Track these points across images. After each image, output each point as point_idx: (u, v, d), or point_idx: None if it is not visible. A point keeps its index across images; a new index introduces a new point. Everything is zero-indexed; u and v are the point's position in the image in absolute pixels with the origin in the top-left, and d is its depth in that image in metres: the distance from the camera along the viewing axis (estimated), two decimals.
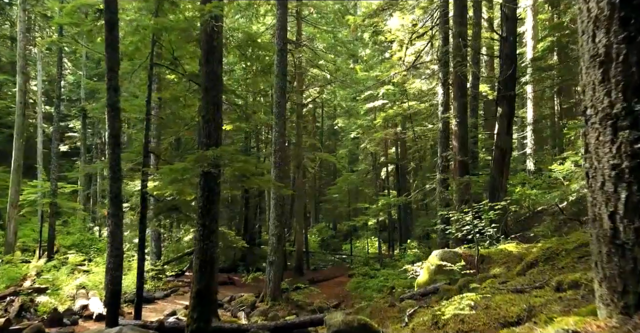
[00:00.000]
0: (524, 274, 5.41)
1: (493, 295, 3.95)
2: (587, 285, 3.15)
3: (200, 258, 6.54)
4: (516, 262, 7.44)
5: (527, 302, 3.32)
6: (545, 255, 5.41)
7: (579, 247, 5.10)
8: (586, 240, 5.23)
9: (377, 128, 24.30)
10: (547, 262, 5.28)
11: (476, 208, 8.41)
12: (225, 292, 16.24)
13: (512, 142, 12.76)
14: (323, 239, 31.06)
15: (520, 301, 3.40)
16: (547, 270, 4.91)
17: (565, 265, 4.76)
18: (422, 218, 20.06)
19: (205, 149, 6.62)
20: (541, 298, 3.33)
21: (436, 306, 4.66)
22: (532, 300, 3.34)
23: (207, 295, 6.51)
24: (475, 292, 4.88)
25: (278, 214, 14.09)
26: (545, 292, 3.63)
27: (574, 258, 4.90)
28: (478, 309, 3.72)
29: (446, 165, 13.22)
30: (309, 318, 8.14)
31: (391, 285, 14.91)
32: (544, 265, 5.25)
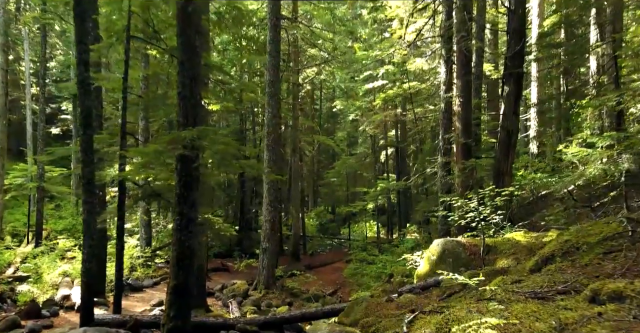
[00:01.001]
0: (539, 271, 4.77)
1: (509, 303, 3.31)
2: (635, 299, 2.52)
3: (177, 250, 5.91)
4: (525, 253, 6.82)
5: (555, 315, 2.69)
6: (562, 249, 4.76)
7: (603, 241, 4.45)
8: (611, 232, 4.58)
9: (377, 110, 23.52)
10: (565, 257, 4.63)
11: (481, 194, 7.75)
12: (218, 279, 15.74)
13: (518, 123, 12.04)
14: (321, 223, 30.54)
15: (545, 314, 2.77)
16: (567, 267, 4.27)
17: (590, 263, 4.11)
18: (422, 202, 19.45)
19: (182, 129, 5.94)
20: (573, 313, 2.69)
21: (440, 313, 4.02)
22: (561, 314, 2.70)
23: (186, 290, 5.90)
24: (483, 294, 4.25)
25: (272, 199, 13.47)
26: (575, 302, 2.99)
27: (598, 254, 4.25)
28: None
29: (448, 148, 12.51)
30: (300, 312, 7.56)
31: (389, 272, 14.36)
32: (562, 260, 4.61)
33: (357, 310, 6.69)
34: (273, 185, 13.45)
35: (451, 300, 5.88)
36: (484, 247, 6.90)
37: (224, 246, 22.74)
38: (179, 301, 5.88)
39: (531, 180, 10.73)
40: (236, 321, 7.45)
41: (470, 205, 7.73)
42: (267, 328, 7.45)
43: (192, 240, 6.05)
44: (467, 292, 5.82)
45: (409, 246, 16.00)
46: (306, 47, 22.69)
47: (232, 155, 6.10)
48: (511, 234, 8.03)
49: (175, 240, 6.02)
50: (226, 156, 6.09)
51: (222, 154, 6.14)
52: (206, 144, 5.91)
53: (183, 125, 6.02)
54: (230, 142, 6.15)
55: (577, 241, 4.71)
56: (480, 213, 7.38)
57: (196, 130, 5.70)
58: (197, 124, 6.11)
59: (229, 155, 6.08)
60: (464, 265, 7.37)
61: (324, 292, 14.17)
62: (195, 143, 5.79)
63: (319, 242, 27.31)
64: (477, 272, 6.34)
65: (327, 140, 23.40)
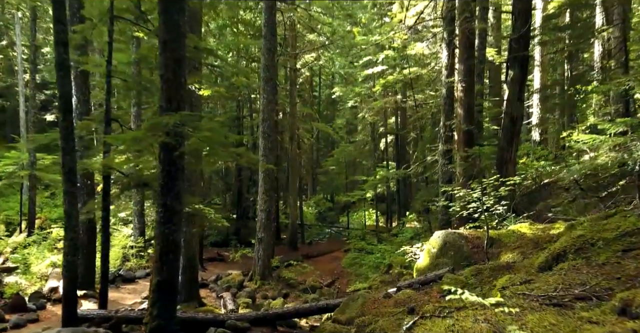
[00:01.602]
0: (550, 268, 4.39)
1: (521, 311, 2.93)
2: None
3: (161, 244, 5.52)
4: (531, 246, 6.44)
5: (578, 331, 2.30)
6: (575, 244, 4.36)
7: (622, 237, 4.06)
8: (630, 227, 4.18)
9: (376, 96, 23.02)
10: (579, 254, 4.24)
11: (485, 184, 7.35)
12: (213, 269, 15.43)
13: (523, 109, 11.57)
14: (320, 212, 30.23)
15: (566, 328, 2.38)
16: (582, 266, 3.88)
17: (607, 262, 3.72)
18: (422, 191, 19.07)
19: (165, 115, 5.51)
20: (601, 328, 2.31)
21: (442, 318, 3.65)
22: (586, 329, 2.32)
23: (170, 287, 5.53)
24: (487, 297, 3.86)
25: (267, 188, 13.07)
26: (601, 313, 2.59)
27: (616, 251, 3.86)
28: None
29: (449, 136, 12.06)
30: (293, 308, 7.21)
31: (388, 262, 14.05)
32: (575, 258, 4.22)
33: (353, 307, 6.34)
34: (268, 174, 13.05)
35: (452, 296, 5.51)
36: (487, 240, 6.52)
37: (221, 235, 22.45)
38: (163, 298, 5.51)
39: (537, 169, 10.28)
40: (227, 317, 7.11)
41: (473, 195, 7.33)
42: (259, 324, 7.11)
43: (176, 233, 5.66)
44: (470, 288, 5.44)
45: (408, 236, 15.67)
46: (304, 32, 22.08)
47: (218, 142, 5.67)
48: (516, 226, 7.64)
49: (158, 234, 5.63)
50: (212, 144, 5.66)
51: (208, 141, 5.71)
52: (190, 130, 5.48)
53: (166, 110, 5.58)
54: (217, 129, 5.72)
55: (592, 236, 4.32)
56: (483, 203, 6.98)
57: (179, 115, 5.27)
58: (182, 109, 5.67)
59: (215, 143, 5.65)
60: (466, 258, 7.00)
61: (321, 283, 13.86)
62: (178, 130, 5.36)
63: (318, 231, 27.02)
64: (480, 266, 5.97)
65: (326, 127, 22.92)
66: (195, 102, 10.43)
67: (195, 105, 10.79)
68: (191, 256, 10.12)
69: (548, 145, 21.88)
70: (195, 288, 10.29)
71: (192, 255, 10.10)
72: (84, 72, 10.44)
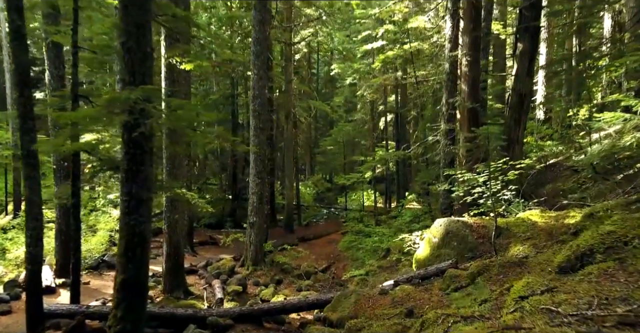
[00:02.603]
0: (573, 270, 3.72)
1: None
2: None
3: (126, 238, 4.86)
4: (544, 237, 5.78)
5: None
6: (604, 242, 3.69)
7: None
8: None
9: (376, 73, 22.08)
10: (609, 254, 3.57)
11: (493, 167, 6.63)
12: (205, 254, 14.88)
13: (532, 85, 10.78)
14: (318, 192, 29.58)
15: None
16: (616, 271, 3.21)
17: None
18: (422, 172, 18.38)
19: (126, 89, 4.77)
20: None
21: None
22: None
23: (137, 286, 4.90)
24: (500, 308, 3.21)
25: (259, 170, 12.37)
26: None
27: None
28: None
29: (452, 114, 11.28)
30: (280, 303, 6.60)
31: (386, 247, 13.48)
32: (605, 259, 3.55)
33: (345, 304, 5.72)
34: (260, 155, 12.33)
35: (456, 296, 4.88)
36: (495, 230, 5.85)
37: (215, 217, 21.87)
38: (129, 299, 4.87)
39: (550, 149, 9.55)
40: (208, 313, 6.51)
41: (479, 179, 6.63)
42: (243, 320, 6.52)
43: (143, 225, 4.99)
44: (476, 289, 4.80)
45: (407, 219, 15.05)
46: (301, 5, 20.99)
47: (189, 122, 4.93)
48: (525, 213, 6.98)
49: (122, 226, 4.96)
50: (181, 124, 4.92)
51: (178, 120, 4.97)
52: (157, 107, 4.73)
53: (129, 84, 4.82)
54: (187, 106, 4.96)
55: (625, 233, 3.64)
56: (491, 189, 6.28)
57: (141, 90, 4.51)
58: (148, 84, 4.91)
59: (185, 123, 4.92)
60: (471, 250, 6.36)
61: (316, 268, 13.31)
62: (140, 107, 4.61)
63: (315, 212, 26.45)
64: (487, 261, 5.31)
65: (323, 105, 22.05)
66: (179, 78, 9.64)
67: (180, 81, 10.00)
68: (176, 243, 9.50)
69: (553, 124, 21.12)
70: (181, 276, 9.71)
71: (177, 242, 9.47)
72: (57, 44, 9.61)
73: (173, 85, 9.29)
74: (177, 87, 9.46)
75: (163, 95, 9.32)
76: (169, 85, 9.24)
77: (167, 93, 9.25)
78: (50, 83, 9.87)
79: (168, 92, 9.26)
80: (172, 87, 9.27)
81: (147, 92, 4.61)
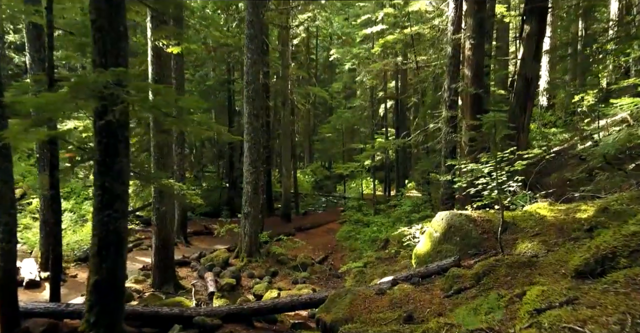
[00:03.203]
0: (593, 276, 3.31)
1: None
2: None
3: (99, 235, 4.45)
4: (555, 233, 5.37)
5: None
6: (629, 245, 3.27)
7: None
8: None
9: (375, 58, 21.47)
10: (635, 259, 3.16)
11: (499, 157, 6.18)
12: (199, 244, 14.52)
13: (539, 69, 10.27)
14: (316, 180, 29.17)
15: None
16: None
17: None
18: (422, 161, 17.93)
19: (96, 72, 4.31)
20: None
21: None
22: None
23: (112, 288, 4.50)
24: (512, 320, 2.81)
25: (254, 159, 11.93)
26: None
27: None
28: None
29: (454, 100, 10.77)
30: (271, 303, 6.21)
31: (385, 237, 13.11)
32: (630, 264, 3.13)
33: (340, 305, 5.32)
34: (255, 144, 11.87)
35: (460, 300, 4.49)
36: (502, 226, 5.42)
37: (212, 205, 21.50)
38: (103, 302, 4.47)
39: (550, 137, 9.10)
40: (195, 312, 6.14)
41: (484, 170, 6.19)
42: (232, 320, 6.15)
43: (119, 221, 4.56)
44: (482, 291, 4.40)
45: (407, 208, 14.66)
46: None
47: (167, 108, 4.47)
48: (532, 206, 6.56)
49: (95, 222, 4.54)
50: (158, 111, 4.46)
51: (155, 106, 4.51)
52: (131, 92, 4.27)
53: (100, 66, 4.35)
54: (164, 91, 4.50)
55: None
56: (497, 181, 5.84)
57: (111, 72, 4.04)
58: (122, 66, 4.43)
59: (162, 109, 4.45)
60: (474, 246, 5.95)
61: (313, 259, 12.96)
62: (112, 92, 4.15)
63: (313, 201, 26.09)
64: (493, 261, 4.89)
65: (321, 91, 21.49)
66: (167, 62, 9.11)
67: (168, 66, 9.48)
68: (165, 235, 9.11)
69: (556, 111, 20.62)
70: (171, 269, 9.34)
71: (167, 234, 9.09)
72: (37, 26, 9.07)
73: (161, 70, 8.79)
74: (165, 72, 8.96)
75: (150, 80, 8.86)
76: (156, 70, 8.74)
77: (154, 78, 8.78)
78: (32, 67, 9.36)
79: (155, 77, 8.78)
80: (160, 71, 8.77)
81: (119, 75, 4.14)
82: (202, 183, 25.40)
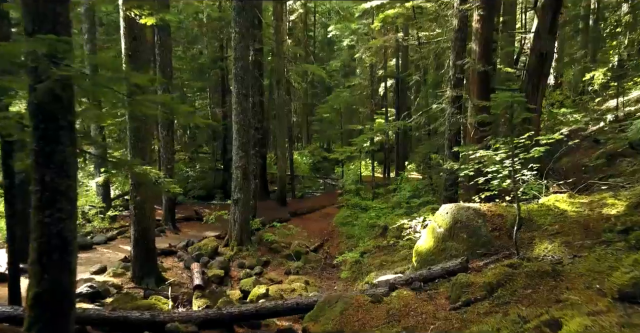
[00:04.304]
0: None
1: None
2: None
3: (39, 240, 3.72)
4: (579, 233, 4.62)
5: None
6: None
7: None
8: None
9: (375, 34, 20.42)
10: None
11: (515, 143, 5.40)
12: (188, 231, 13.84)
13: (554, 44, 9.38)
14: (314, 162, 28.34)
15: None
16: None
17: None
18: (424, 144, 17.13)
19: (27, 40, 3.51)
20: None
21: None
22: None
23: (57, 301, 3.80)
24: None
25: (243, 142, 11.13)
26: None
27: None
28: None
29: (459, 78, 9.91)
30: (254, 308, 5.51)
31: (383, 224, 12.42)
32: None
33: (330, 315, 4.62)
34: (244, 125, 11.05)
35: (470, 315, 3.77)
36: (518, 222, 4.67)
37: (205, 189, 20.79)
38: (46, 320, 3.75)
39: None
40: (168, 317, 5.45)
41: (496, 157, 5.42)
42: (210, 326, 5.47)
43: (63, 223, 3.81)
44: (496, 306, 3.68)
45: (407, 194, 13.93)
46: None
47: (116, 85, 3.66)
48: (549, 198, 5.80)
49: (34, 224, 3.78)
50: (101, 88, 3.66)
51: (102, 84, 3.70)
52: (70, 66, 3.45)
53: (31, 34, 3.52)
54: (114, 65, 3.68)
55: None
56: (514, 169, 5.07)
57: (41, 41, 3.22)
58: (60, 34, 3.59)
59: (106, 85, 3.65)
60: (484, 245, 5.22)
61: (307, 247, 12.30)
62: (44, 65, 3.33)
63: (311, 183, 25.37)
64: (508, 268, 4.16)
65: (318, 69, 20.48)
66: (141, 34, 8.21)
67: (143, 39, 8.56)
68: (145, 225, 8.39)
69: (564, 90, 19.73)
70: (152, 261, 8.65)
71: (146, 226, 8.36)
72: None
73: (135, 44, 7.91)
74: (140, 46, 8.08)
75: (123, 55, 8.01)
76: (129, 44, 7.86)
77: (127, 53, 7.91)
78: None
79: (128, 52, 7.91)
80: (134, 45, 7.90)
81: (53, 44, 3.31)
82: (196, 165, 24.61)
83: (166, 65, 13.46)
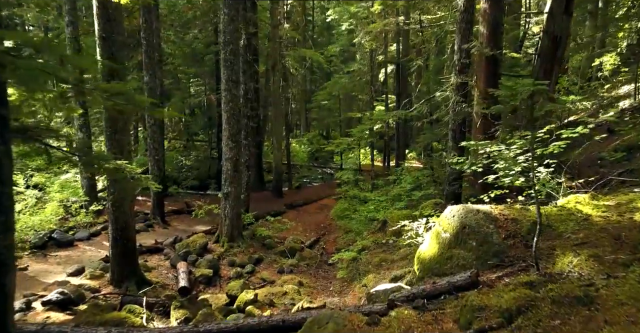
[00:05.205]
0: None
1: None
2: None
3: None
4: (609, 244, 3.97)
5: None
6: None
7: None
8: None
9: (375, 18, 19.53)
10: None
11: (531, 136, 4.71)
12: (178, 225, 13.22)
13: (570, 26, 8.61)
14: (312, 151, 27.60)
15: None
16: None
17: None
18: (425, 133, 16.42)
19: None
20: None
21: None
22: None
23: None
24: None
25: (233, 132, 10.44)
26: None
27: None
28: None
29: (465, 64, 9.16)
30: (234, 325, 4.83)
31: (383, 218, 11.80)
32: None
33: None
34: (234, 114, 10.35)
35: None
36: (539, 230, 4.02)
37: (198, 179, 20.13)
38: None
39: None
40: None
41: (510, 153, 4.74)
42: None
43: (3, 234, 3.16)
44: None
45: (407, 186, 13.26)
46: None
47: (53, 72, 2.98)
48: (570, 199, 5.14)
49: None
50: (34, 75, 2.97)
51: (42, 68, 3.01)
52: None
53: None
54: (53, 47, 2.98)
55: None
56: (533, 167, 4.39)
57: None
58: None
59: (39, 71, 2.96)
60: (496, 254, 4.57)
61: (302, 243, 11.72)
62: None
63: (309, 172, 24.70)
64: (528, 291, 3.51)
65: (315, 54, 19.64)
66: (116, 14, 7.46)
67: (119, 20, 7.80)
68: (124, 223, 7.76)
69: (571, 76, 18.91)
70: (133, 262, 8.04)
71: (125, 225, 7.73)
72: None
73: (109, 25, 7.17)
74: (116, 28, 7.33)
75: (97, 37, 7.27)
76: (102, 25, 7.12)
77: (102, 35, 7.18)
78: None
79: (103, 34, 7.18)
80: (108, 27, 7.16)
81: None
82: (191, 153, 23.91)
83: (153, 49, 12.69)
